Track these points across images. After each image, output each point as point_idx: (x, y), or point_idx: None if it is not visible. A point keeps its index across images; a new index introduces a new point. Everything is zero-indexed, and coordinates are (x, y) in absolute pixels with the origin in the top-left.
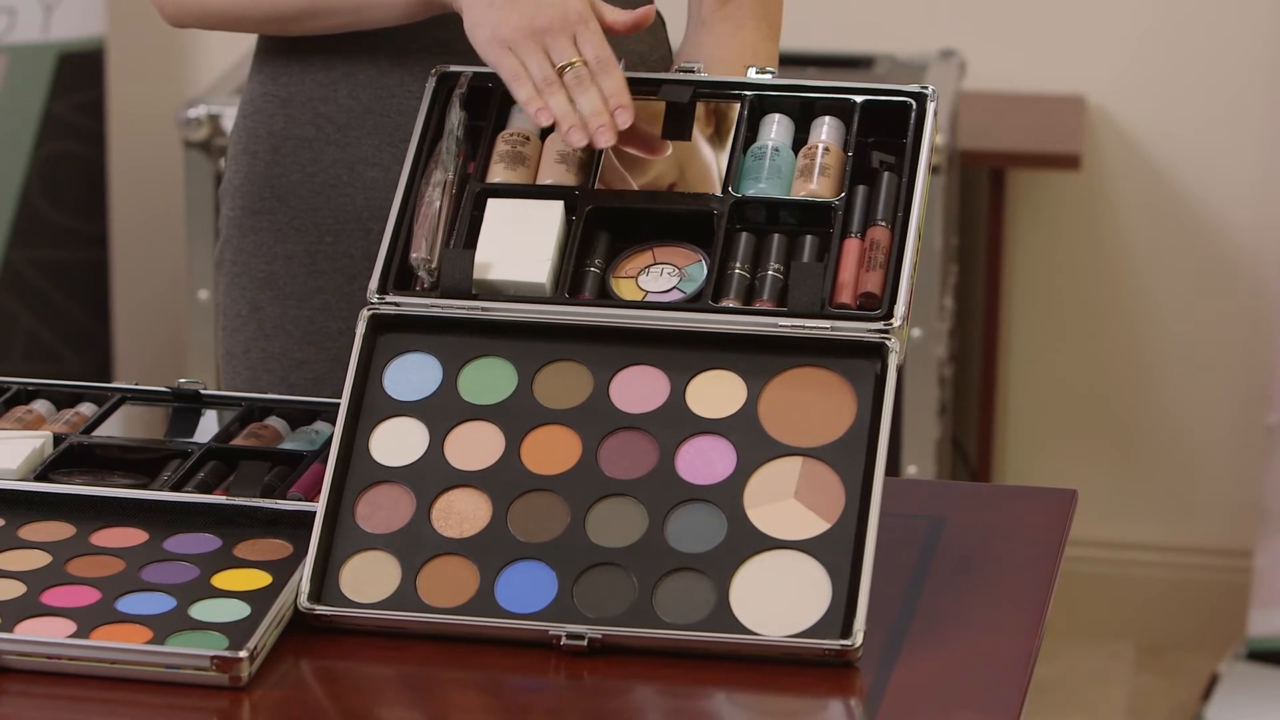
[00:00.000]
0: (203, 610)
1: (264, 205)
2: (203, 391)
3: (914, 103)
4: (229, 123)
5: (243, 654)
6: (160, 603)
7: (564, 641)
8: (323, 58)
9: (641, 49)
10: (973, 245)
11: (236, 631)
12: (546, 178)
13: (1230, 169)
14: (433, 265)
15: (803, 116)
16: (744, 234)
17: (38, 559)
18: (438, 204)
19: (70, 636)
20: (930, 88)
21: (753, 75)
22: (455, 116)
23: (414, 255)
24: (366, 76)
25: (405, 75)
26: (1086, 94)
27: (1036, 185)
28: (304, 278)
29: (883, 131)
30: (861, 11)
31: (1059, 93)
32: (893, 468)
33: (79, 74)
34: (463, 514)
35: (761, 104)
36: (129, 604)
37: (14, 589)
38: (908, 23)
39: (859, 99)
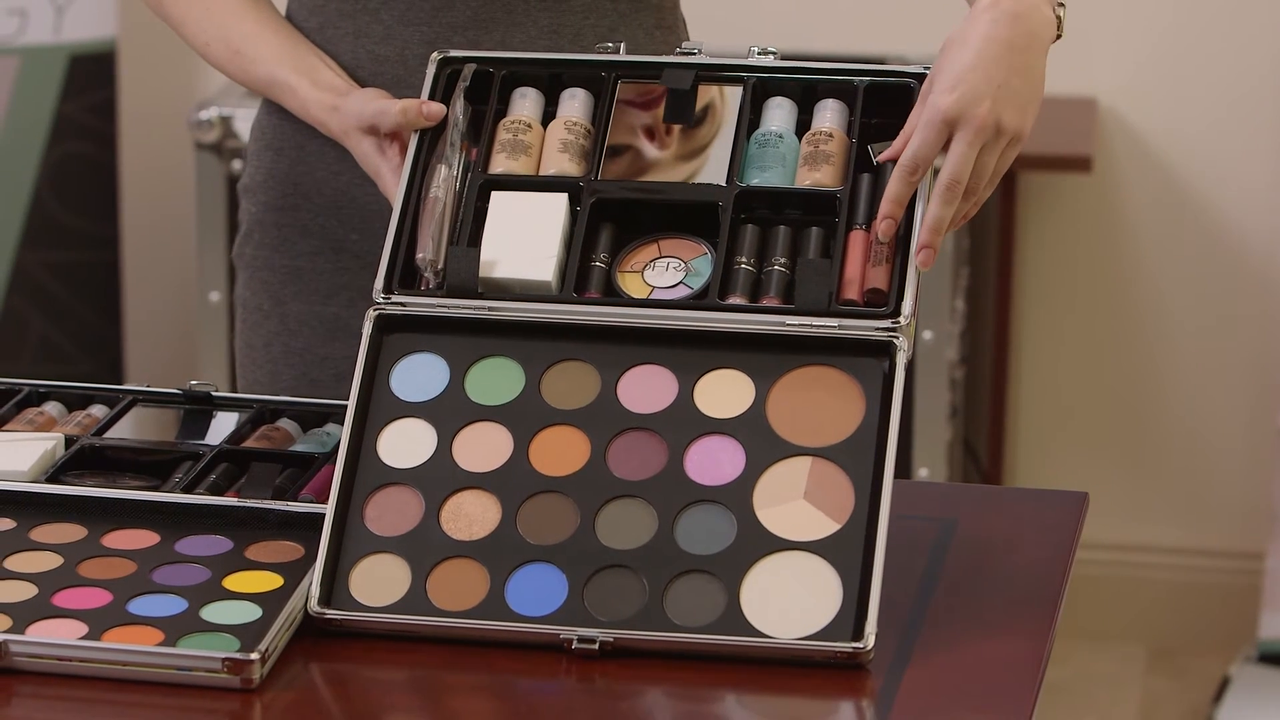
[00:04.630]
0: (214, 612)
1: (289, 202)
2: (214, 394)
3: (916, 84)
4: (240, 124)
5: (254, 656)
6: (171, 605)
7: (575, 645)
8: (350, 58)
9: (649, 23)
10: (984, 247)
11: (248, 634)
12: (550, 167)
13: (1242, 171)
14: (439, 266)
15: (805, 98)
16: (749, 226)
17: (49, 561)
18: (442, 201)
19: (81, 638)
20: (931, 68)
21: (754, 56)
22: (459, 109)
23: (420, 256)
24: (394, 75)
25: None
26: (1098, 96)
27: (1048, 187)
28: (329, 274)
29: (886, 114)
30: (869, 12)
31: (1070, 95)
32: (904, 470)
33: (90, 75)
34: (471, 516)
35: (764, 87)
36: (140, 606)
37: (25, 591)
38: (917, 23)
39: (861, 80)
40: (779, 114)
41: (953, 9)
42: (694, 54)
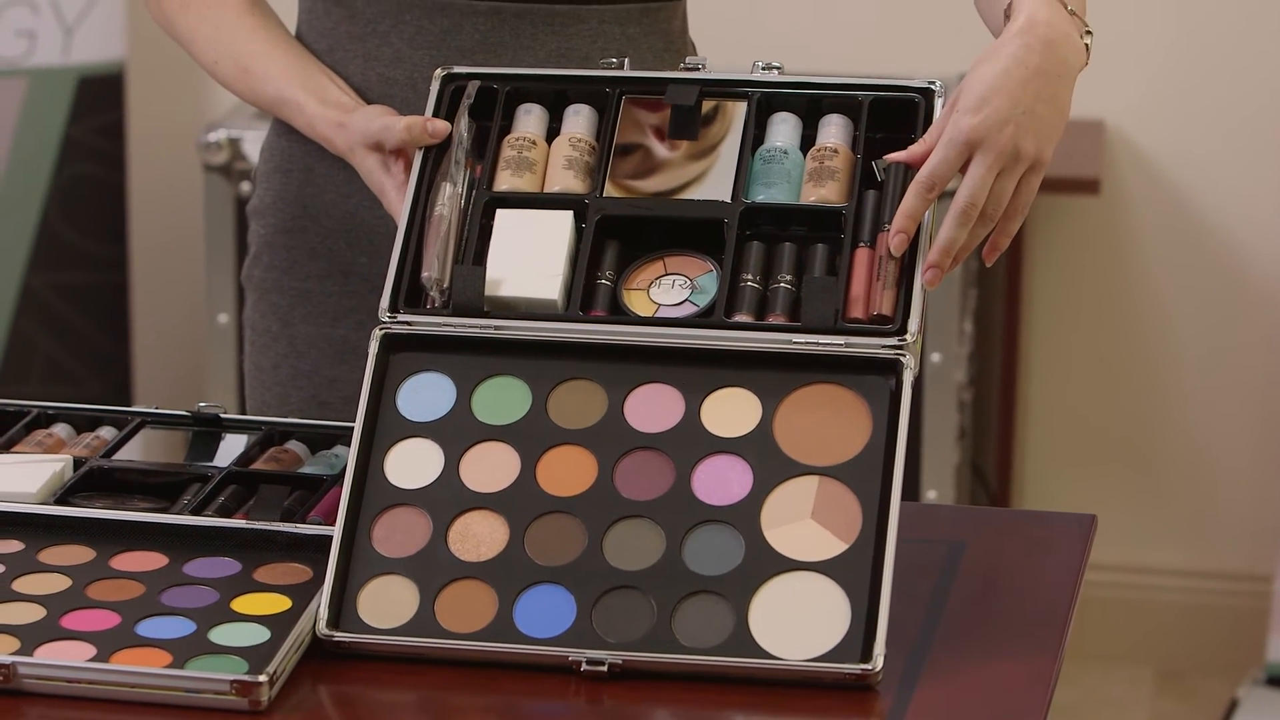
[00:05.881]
0: (222, 634)
1: (297, 224)
2: (222, 416)
3: (921, 99)
4: (249, 146)
5: (262, 678)
6: (180, 627)
7: (584, 667)
8: (360, 80)
9: (658, 47)
10: (992, 269)
11: (256, 656)
12: (554, 183)
13: (1250, 193)
14: (444, 285)
15: (810, 114)
16: (755, 243)
17: (57, 583)
18: (447, 219)
19: (90, 660)
20: (937, 83)
21: (759, 72)
22: (464, 126)
23: (425, 274)
24: (403, 99)
25: None
26: (1105, 118)
27: (1056, 209)
28: (337, 297)
29: (891, 129)
30: (881, 35)
31: (1078, 117)
32: (912, 492)
33: (99, 97)
34: (479, 537)
35: (769, 102)
36: (149, 628)
37: (34, 612)
38: (927, 46)
39: (866, 95)
40: (783, 129)
41: (959, 32)
42: (698, 69)
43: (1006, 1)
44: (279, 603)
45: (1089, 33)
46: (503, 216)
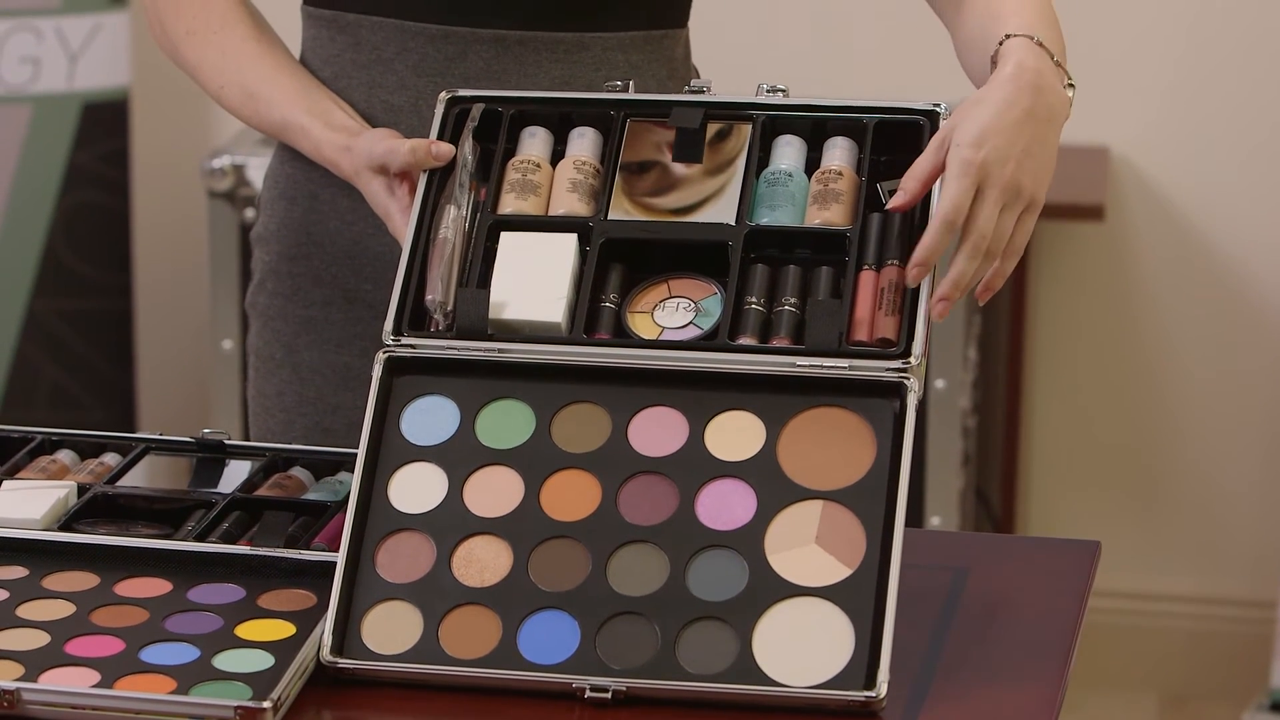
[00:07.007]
0: (226, 660)
1: (301, 251)
2: (227, 442)
3: (926, 121)
4: (253, 173)
5: (266, 704)
6: (184, 653)
7: (588, 694)
8: (364, 108)
9: (661, 74)
10: (996, 296)
11: (260, 682)
12: (559, 207)
13: (1254, 219)
14: (448, 308)
15: (815, 136)
16: (759, 266)
17: (61, 609)
18: (451, 242)
19: (94, 686)
20: (942, 105)
21: (764, 94)
22: (468, 149)
23: (429, 298)
24: (408, 126)
25: None
26: (1110, 145)
27: (1060, 236)
28: (341, 324)
29: (896, 151)
30: (885, 61)
31: (1082, 143)
32: (916, 518)
33: (103, 124)
34: (483, 562)
35: (774, 124)
36: (153, 654)
37: (38, 639)
38: (933, 72)
39: (871, 118)
40: (788, 152)
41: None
42: (703, 92)
43: (992, 50)
44: (283, 629)
45: (1071, 85)
46: (507, 239)
